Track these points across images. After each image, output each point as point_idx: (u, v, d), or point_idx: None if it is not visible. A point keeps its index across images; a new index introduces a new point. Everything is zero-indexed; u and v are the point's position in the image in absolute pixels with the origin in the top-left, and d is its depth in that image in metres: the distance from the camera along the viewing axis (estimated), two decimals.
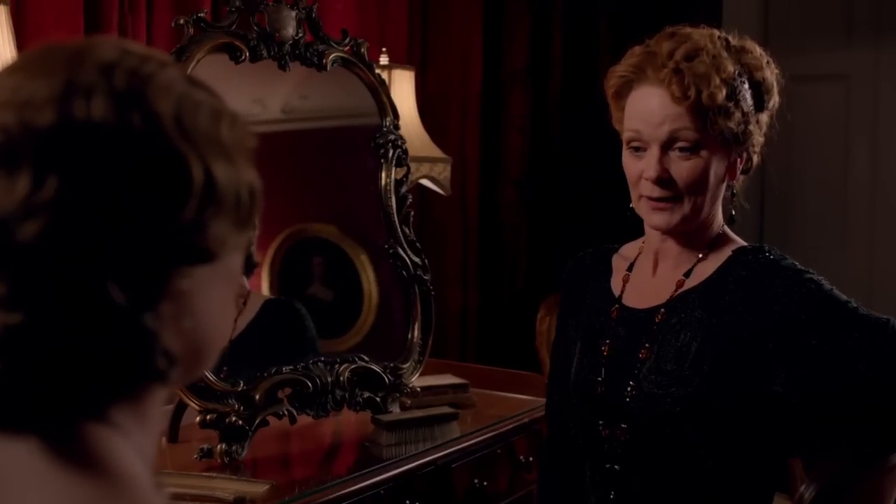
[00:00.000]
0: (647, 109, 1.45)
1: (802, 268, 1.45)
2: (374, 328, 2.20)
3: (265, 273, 2.11)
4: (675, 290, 1.51)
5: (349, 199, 2.22)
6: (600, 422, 1.51)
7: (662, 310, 1.50)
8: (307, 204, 2.19)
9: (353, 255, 2.20)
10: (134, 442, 0.71)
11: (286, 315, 2.17)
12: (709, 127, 1.41)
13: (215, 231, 0.70)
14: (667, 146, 1.44)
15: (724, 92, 1.42)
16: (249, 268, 2.15)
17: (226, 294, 0.75)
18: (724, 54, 1.45)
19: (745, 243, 1.53)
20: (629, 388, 1.48)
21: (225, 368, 1.95)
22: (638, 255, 1.61)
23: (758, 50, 1.51)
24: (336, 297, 2.24)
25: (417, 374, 2.15)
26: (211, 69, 1.85)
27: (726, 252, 1.51)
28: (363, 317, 2.22)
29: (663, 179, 1.44)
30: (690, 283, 1.50)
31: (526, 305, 3.33)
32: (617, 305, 1.57)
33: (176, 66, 0.71)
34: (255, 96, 2.08)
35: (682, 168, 1.44)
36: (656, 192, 1.45)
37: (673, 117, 1.42)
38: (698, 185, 1.44)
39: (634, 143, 1.47)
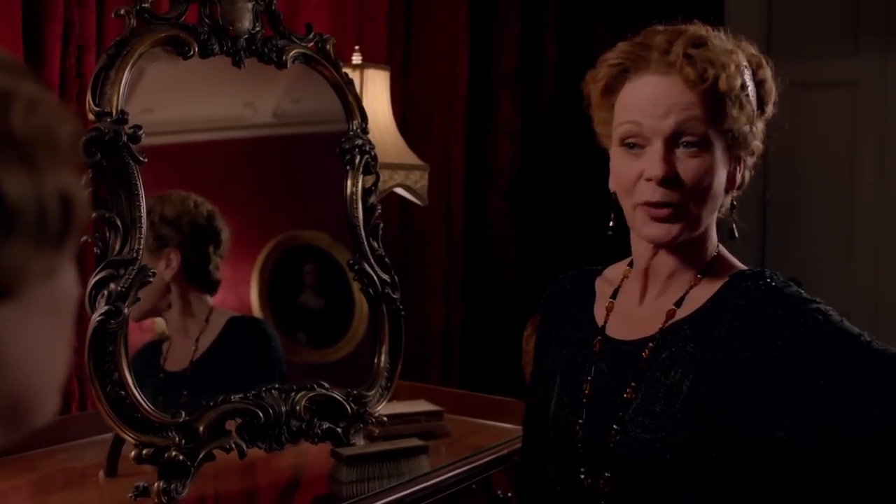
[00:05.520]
0: (650, 98, 1.25)
1: (808, 296, 1.26)
2: (365, 338, 2.07)
3: (255, 281, 1.99)
4: (665, 322, 1.32)
5: (339, 206, 2.07)
6: (581, 469, 1.33)
7: (651, 343, 1.31)
8: (298, 210, 2.08)
9: (343, 262, 2.06)
10: None
11: (251, 335, 2.02)
12: (720, 118, 1.23)
13: (8, 260, 0.52)
14: (672, 141, 1.25)
15: (739, 80, 1.24)
16: (212, 286, 1.99)
17: (51, 326, 0.59)
18: (729, 46, 1.27)
19: (743, 267, 1.34)
20: (613, 433, 1.30)
21: (185, 393, 1.81)
22: (623, 280, 1.43)
23: (754, 49, 1.34)
24: (327, 305, 2.13)
25: (384, 402, 1.97)
26: (207, 71, 1.77)
27: (722, 277, 1.32)
28: (354, 326, 2.09)
29: (669, 179, 1.24)
30: (682, 312, 1.32)
31: (514, 323, 3.14)
32: (600, 337, 1.38)
33: None
34: (245, 99, 1.97)
35: (688, 166, 1.24)
36: (659, 194, 1.25)
37: (682, 106, 1.23)
38: (706, 188, 1.25)
39: (631, 139, 1.28)
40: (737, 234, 1.37)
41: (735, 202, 1.36)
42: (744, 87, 1.26)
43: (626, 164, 1.29)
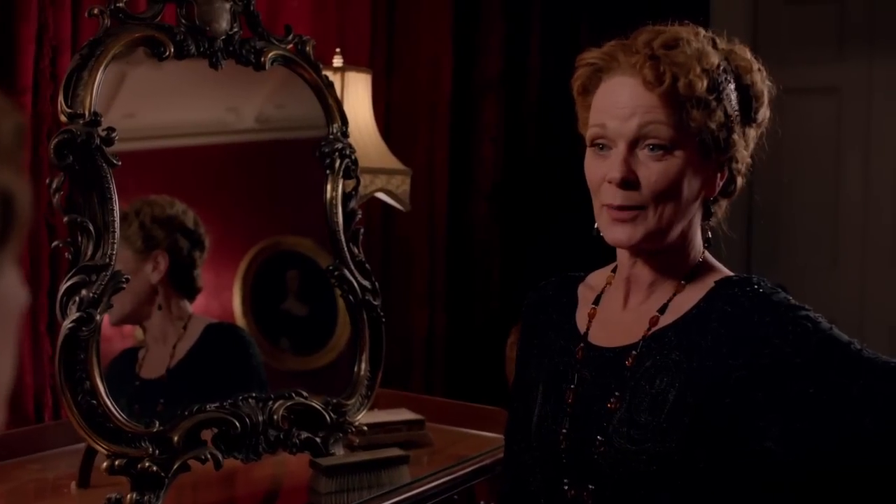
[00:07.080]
0: (616, 101, 1.24)
1: (797, 303, 1.23)
2: (348, 345, 2.03)
3: (237, 288, 1.97)
4: (649, 329, 1.29)
5: (322, 212, 2.04)
6: (565, 481, 1.30)
7: (634, 351, 1.28)
8: (281, 216, 2.06)
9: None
10: None
11: (229, 342, 1.99)
12: (686, 122, 1.21)
13: None
14: (635, 144, 1.23)
15: (704, 83, 1.21)
16: (194, 292, 1.96)
17: None
18: (709, 49, 1.25)
19: (729, 273, 1.31)
20: (598, 444, 1.26)
21: (161, 401, 1.78)
22: (606, 286, 1.40)
23: (748, 54, 1.31)
24: (311, 312, 2.10)
25: (364, 411, 1.93)
26: (189, 75, 1.75)
27: (708, 283, 1.29)
28: (338, 333, 2.06)
29: (628, 182, 1.23)
30: (666, 319, 1.29)
31: (498, 329, 3.10)
32: (582, 344, 1.35)
33: None
34: (228, 105, 1.94)
35: (650, 170, 1.23)
36: (619, 197, 1.23)
37: (644, 109, 1.22)
38: (668, 192, 1.23)
39: (599, 141, 1.26)
40: (711, 244, 1.35)
41: (713, 209, 1.33)
42: (713, 89, 1.23)
43: (594, 165, 1.28)
